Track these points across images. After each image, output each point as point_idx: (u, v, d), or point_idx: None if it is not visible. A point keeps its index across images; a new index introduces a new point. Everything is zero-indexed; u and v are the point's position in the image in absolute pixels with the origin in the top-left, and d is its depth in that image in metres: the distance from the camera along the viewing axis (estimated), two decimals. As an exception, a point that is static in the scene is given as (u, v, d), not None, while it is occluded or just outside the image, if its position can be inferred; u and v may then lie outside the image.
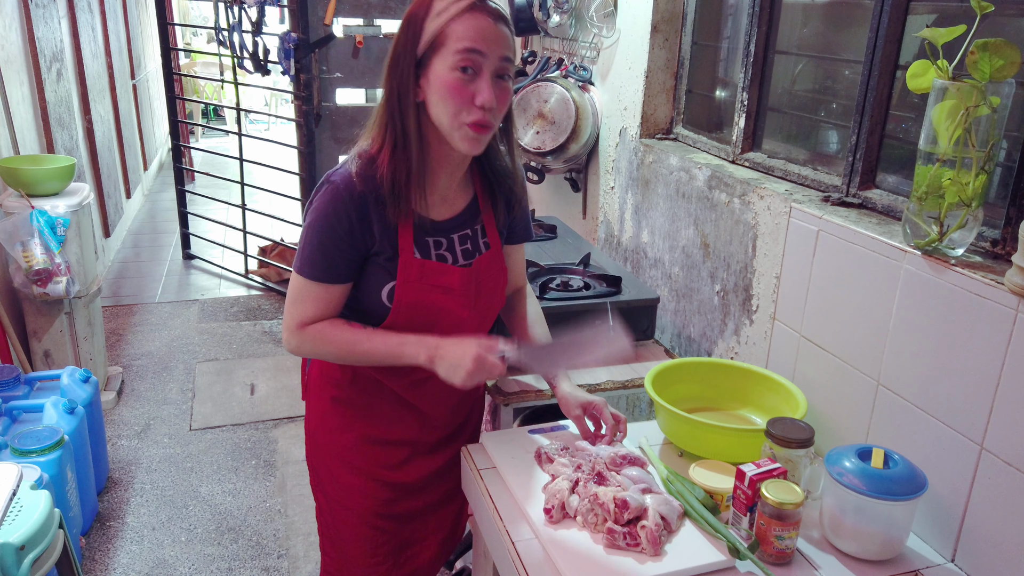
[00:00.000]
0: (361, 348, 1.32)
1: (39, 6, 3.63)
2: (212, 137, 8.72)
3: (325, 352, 1.36)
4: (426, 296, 1.34)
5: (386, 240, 1.30)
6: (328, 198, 1.27)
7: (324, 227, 1.27)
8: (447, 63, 1.20)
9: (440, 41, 1.20)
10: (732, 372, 1.67)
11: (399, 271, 1.31)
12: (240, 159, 4.57)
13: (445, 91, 1.21)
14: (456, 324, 1.38)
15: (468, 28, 1.19)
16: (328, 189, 1.27)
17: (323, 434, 1.54)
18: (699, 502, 1.31)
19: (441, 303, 1.35)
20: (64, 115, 3.96)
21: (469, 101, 1.21)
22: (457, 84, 1.20)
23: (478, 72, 1.21)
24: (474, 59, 1.19)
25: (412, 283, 1.32)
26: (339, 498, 1.55)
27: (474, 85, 1.21)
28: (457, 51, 1.19)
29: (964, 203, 1.21)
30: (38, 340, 3.03)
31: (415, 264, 1.32)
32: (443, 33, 1.20)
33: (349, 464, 1.52)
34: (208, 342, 3.97)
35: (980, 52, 1.14)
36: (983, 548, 1.22)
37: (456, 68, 1.19)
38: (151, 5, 6.59)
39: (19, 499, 1.76)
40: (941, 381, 1.28)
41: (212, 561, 2.44)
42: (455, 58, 1.19)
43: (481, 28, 1.19)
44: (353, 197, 1.26)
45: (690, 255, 2.08)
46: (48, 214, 2.81)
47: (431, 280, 1.34)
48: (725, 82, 2.17)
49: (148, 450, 3.01)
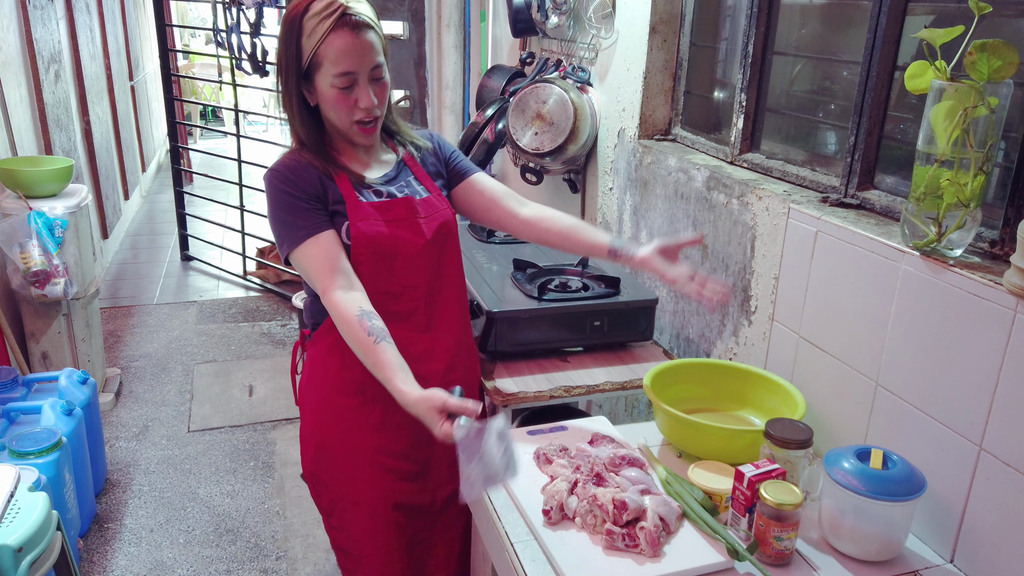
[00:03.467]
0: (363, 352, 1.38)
1: (37, 7, 3.63)
2: (210, 138, 8.72)
3: (341, 330, 1.42)
4: (375, 227, 1.47)
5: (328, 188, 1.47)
6: (272, 178, 1.46)
7: (280, 197, 1.44)
8: (327, 82, 1.40)
9: (316, 62, 1.39)
10: (731, 373, 1.67)
11: (348, 212, 1.46)
12: (239, 160, 4.57)
13: (332, 103, 1.42)
14: (416, 253, 1.52)
15: (337, 51, 1.37)
16: (271, 174, 1.46)
17: (323, 431, 1.56)
18: (698, 503, 1.31)
19: (391, 233, 1.49)
20: (62, 116, 3.96)
21: (353, 106, 1.42)
22: (340, 97, 1.41)
23: (356, 84, 1.41)
24: (350, 78, 1.39)
25: (361, 217, 1.47)
26: (346, 494, 1.56)
27: (354, 94, 1.41)
28: (334, 75, 1.38)
29: (962, 204, 1.21)
30: (36, 342, 3.03)
31: (360, 204, 1.48)
32: (317, 55, 1.38)
33: (353, 455, 1.54)
34: (206, 343, 3.96)
35: (978, 53, 1.14)
36: (982, 549, 1.22)
37: (335, 87, 1.40)
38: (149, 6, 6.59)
39: (17, 501, 1.76)
40: (940, 382, 1.28)
41: (210, 563, 2.43)
42: (334, 79, 1.39)
43: (348, 48, 1.37)
44: (289, 166, 1.46)
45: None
46: (46, 215, 2.81)
47: (378, 214, 1.49)
48: (723, 83, 2.17)
49: (146, 452, 3.01)
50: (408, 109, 4.39)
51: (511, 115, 2.67)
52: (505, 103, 2.90)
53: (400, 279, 1.52)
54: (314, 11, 1.37)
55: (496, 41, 3.73)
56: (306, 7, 1.38)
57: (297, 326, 4.12)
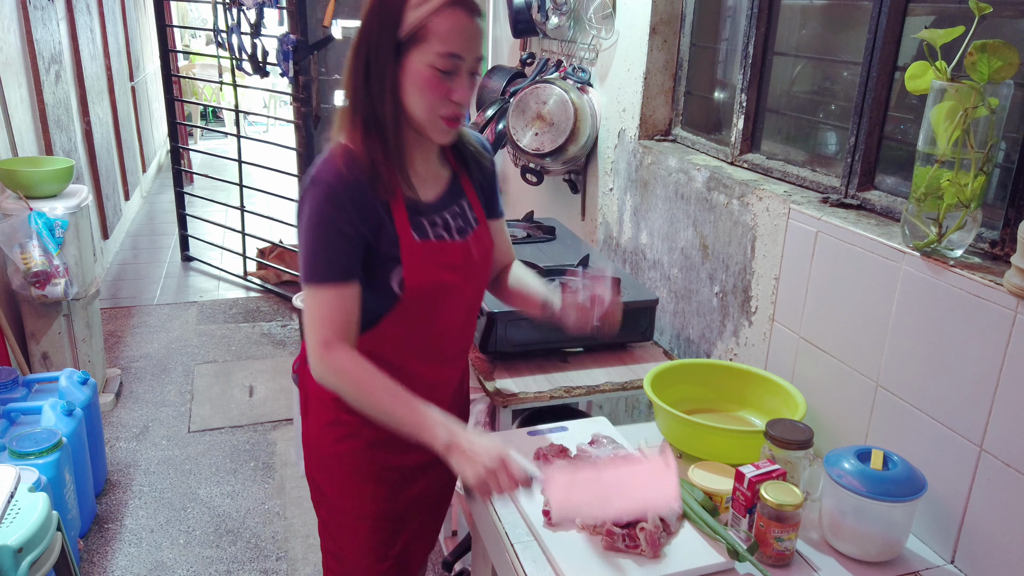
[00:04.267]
0: (382, 402, 1.25)
1: (37, 8, 3.63)
2: (211, 139, 8.72)
3: (346, 388, 1.27)
4: (433, 276, 1.32)
5: (386, 224, 1.28)
6: (321, 193, 1.24)
7: (324, 222, 1.23)
8: (426, 59, 1.21)
9: (420, 36, 1.20)
10: (731, 373, 1.67)
11: (403, 255, 1.29)
12: (239, 161, 4.57)
13: (423, 85, 1.23)
14: (459, 302, 1.39)
15: (450, 28, 1.20)
16: (318, 186, 1.24)
17: (327, 446, 1.47)
18: (698, 504, 1.31)
19: (448, 281, 1.35)
20: (62, 117, 3.96)
21: (446, 96, 1.24)
22: (435, 80, 1.22)
23: (457, 71, 1.24)
24: (455, 63, 1.22)
25: (418, 266, 1.30)
26: (350, 508, 1.47)
27: (451, 82, 1.24)
28: (439, 53, 1.20)
29: (963, 204, 1.21)
30: (36, 342, 3.03)
31: (417, 247, 1.30)
32: (424, 28, 1.20)
33: (358, 471, 1.45)
34: (207, 344, 3.96)
35: (979, 53, 1.14)
36: (983, 549, 1.22)
37: (434, 67, 1.21)
38: (150, 7, 6.59)
39: (17, 501, 1.76)
40: (940, 382, 1.28)
41: (211, 563, 2.43)
42: (436, 59, 1.21)
43: (462, 28, 1.21)
44: (346, 184, 1.24)
45: (689, 256, 2.08)
46: (46, 216, 2.81)
47: (435, 259, 1.32)
48: (724, 84, 2.18)
49: (146, 452, 3.01)
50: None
51: (511, 116, 2.67)
52: (505, 104, 2.90)
53: (439, 324, 1.39)
54: None
55: (496, 41, 3.73)
56: None
57: (298, 327, 4.12)
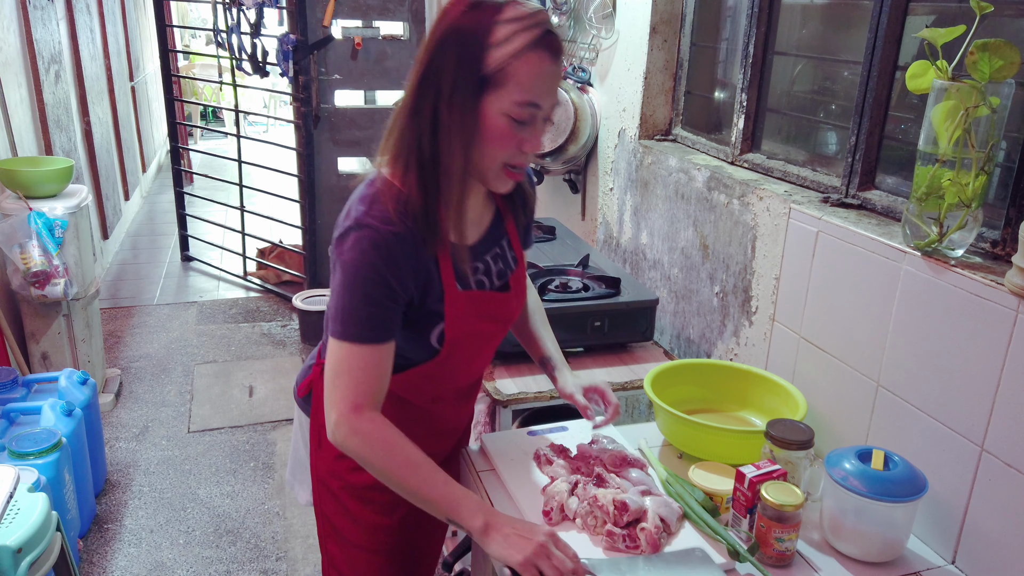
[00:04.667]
0: (413, 479, 1.14)
1: (37, 8, 3.63)
2: (211, 139, 8.72)
3: (371, 458, 1.15)
4: (474, 327, 1.24)
5: (433, 278, 1.18)
6: (370, 241, 1.10)
7: (371, 275, 1.10)
8: (501, 107, 1.08)
9: (497, 80, 1.07)
10: (731, 373, 1.66)
11: (447, 308, 1.19)
12: (239, 161, 4.57)
13: (494, 135, 1.10)
14: (493, 345, 1.34)
15: (531, 73, 1.07)
16: (367, 234, 1.10)
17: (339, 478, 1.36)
18: (699, 504, 1.30)
19: (488, 331, 1.28)
20: (62, 117, 3.96)
21: (517, 147, 1.12)
22: (508, 131, 1.10)
23: (533, 120, 1.12)
24: (531, 111, 1.10)
25: (461, 319, 1.21)
26: (364, 543, 1.38)
27: (525, 131, 1.12)
28: (516, 101, 1.08)
29: (964, 204, 1.21)
30: (36, 342, 3.02)
31: (460, 298, 1.20)
32: (502, 71, 1.07)
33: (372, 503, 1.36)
34: (206, 344, 3.96)
35: (980, 52, 1.14)
36: (984, 550, 1.22)
37: (508, 116, 1.09)
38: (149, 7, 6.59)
39: (16, 502, 1.76)
40: (941, 382, 1.28)
41: (210, 564, 2.43)
42: (512, 108, 1.08)
43: (544, 74, 1.09)
44: (399, 236, 1.11)
45: (689, 256, 2.08)
46: (46, 216, 2.80)
47: (477, 310, 1.23)
48: (724, 83, 2.17)
49: (146, 452, 3.01)
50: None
51: (511, 115, 2.67)
52: (505, 103, 2.89)
53: (471, 369, 1.34)
54: (512, 15, 1.07)
55: (496, 41, 3.73)
56: (498, 7, 1.08)
57: (297, 327, 4.12)
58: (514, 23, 1.06)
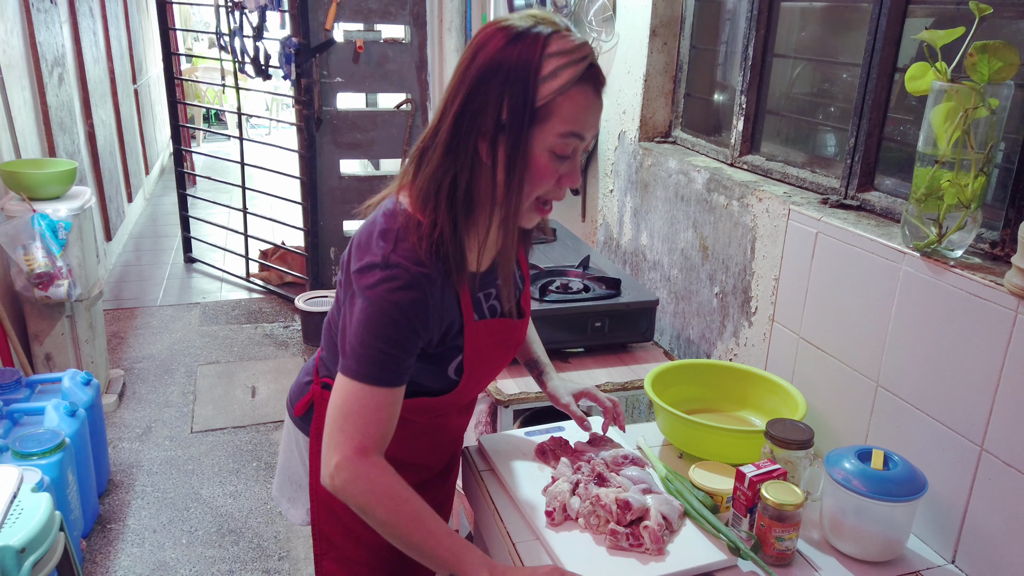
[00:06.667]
0: (417, 532, 1.09)
1: (41, 11, 3.64)
2: (213, 141, 8.74)
3: (371, 506, 1.09)
4: (490, 355, 1.24)
5: (454, 315, 1.15)
6: (400, 285, 1.06)
7: (397, 319, 1.06)
8: (545, 142, 1.05)
9: (543, 115, 1.04)
10: (731, 374, 1.67)
11: (466, 340, 1.17)
12: (241, 163, 4.59)
13: (534, 170, 1.07)
14: (501, 369, 1.33)
15: (576, 106, 1.05)
16: (396, 274, 1.06)
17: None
18: (698, 500, 1.31)
19: (500, 356, 1.28)
20: (66, 119, 3.97)
21: (554, 180, 1.09)
22: (549, 166, 1.07)
23: (573, 154, 1.09)
24: (573, 144, 1.07)
25: (479, 349, 1.20)
26: (367, 560, 1.37)
27: (564, 166, 1.09)
28: (560, 134, 1.04)
29: (963, 205, 1.22)
30: (39, 343, 3.03)
31: (478, 328, 1.19)
32: (551, 104, 1.03)
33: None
34: (209, 345, 3.97)
35: (979, 54, 1.15)
36: (984, 549, 1.22)
37: (550, 150, 1.06)
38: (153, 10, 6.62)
39: (20, 502, 1.77)
40: (941, 382, 1.28)
41: (213, 563, 2.44)
42: (556, 141, 1.05)
43: (588, 107, 1.06)
44: (429, 279, 1.08)
45: (689, 257, 2.08)
46: (50, 218, 2.82)
47: (492, 338, 1.22)
48: (723, 86, 2.18)
49: (149, 453, 3.02)
50: (410, 112, 4.40)
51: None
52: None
53: (478, 388, 1.33)
54: (559, 48, 1.03)
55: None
56: (544, 40, 1.03)
57: (299, 328, 4.13)
58: (560, 57, 1.03)
